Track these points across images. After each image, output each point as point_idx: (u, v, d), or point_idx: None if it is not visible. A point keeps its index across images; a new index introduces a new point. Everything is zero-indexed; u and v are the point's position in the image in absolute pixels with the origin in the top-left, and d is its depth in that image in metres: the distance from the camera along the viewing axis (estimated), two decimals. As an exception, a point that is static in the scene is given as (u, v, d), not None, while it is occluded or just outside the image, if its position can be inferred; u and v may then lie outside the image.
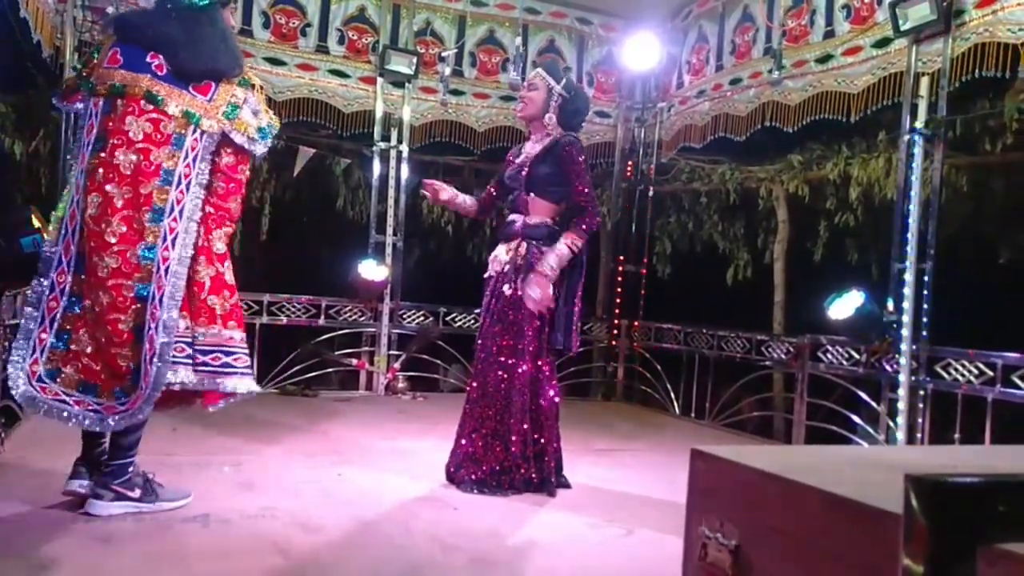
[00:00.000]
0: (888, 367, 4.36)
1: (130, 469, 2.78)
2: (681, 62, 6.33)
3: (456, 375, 6.53)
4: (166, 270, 2.63)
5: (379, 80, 6.00)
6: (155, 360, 2.58)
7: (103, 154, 2.64)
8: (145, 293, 2.62)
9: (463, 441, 3.48)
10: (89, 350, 2.68)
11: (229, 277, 2.81)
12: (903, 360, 4.21)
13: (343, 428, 4.65)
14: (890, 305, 4.35)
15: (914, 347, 4.21)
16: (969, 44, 4.06)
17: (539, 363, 3.46)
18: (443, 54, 6.01)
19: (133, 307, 2.62)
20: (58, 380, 2.68)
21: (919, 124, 4.32)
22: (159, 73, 2.67)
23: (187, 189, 2.67)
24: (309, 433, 4.45)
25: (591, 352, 6.72)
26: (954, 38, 4.14)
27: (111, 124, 2.65)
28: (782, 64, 5.13)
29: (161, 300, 2.61)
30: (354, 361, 6.04)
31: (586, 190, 3.46)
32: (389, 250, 6.09)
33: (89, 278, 2.65)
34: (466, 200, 3.85)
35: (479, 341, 3.57)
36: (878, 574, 0.95)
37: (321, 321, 5.95)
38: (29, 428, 3.96)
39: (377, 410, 5.44)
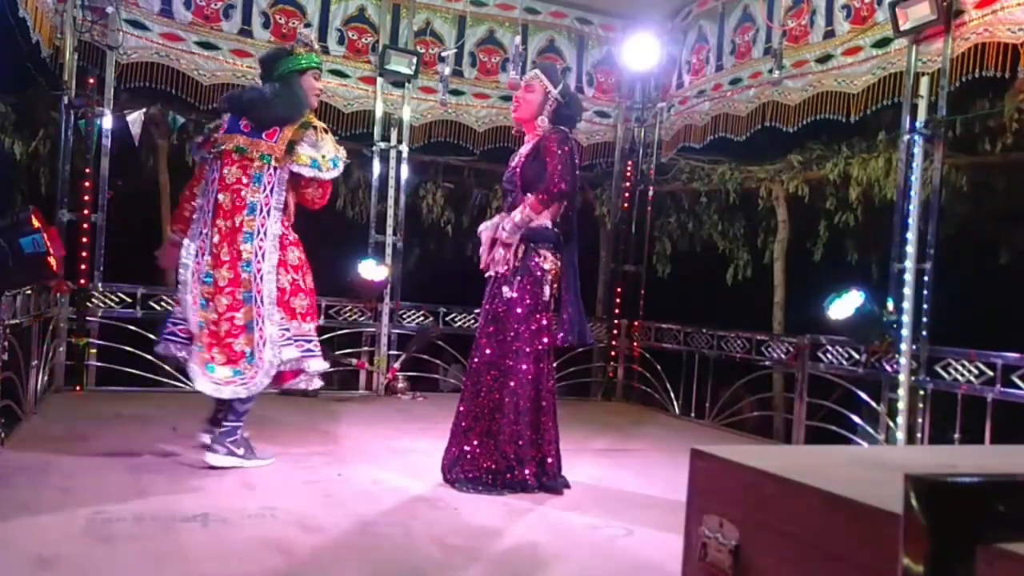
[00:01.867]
0: (888, 367, 4.36)
1: (239, 432, 3.53)
2: (681, 62, 6.32)
3: (456, 375, 6.53)
4: (260, 278, 3.48)
5: (379, 80, 6.00)
6: (267, 345, 3.44)
7: (216, 197, 3.51)
8: (249, 297, 3.47)
9: (458, 440, 3.48)
10: (207, 340, 3.47)
11: (305, 283, 3.62)
12: (903, 360, 4.21)
13: (343, 428, 4.65)
14: (890, 305, 4.35)
15: (914, 347, 4.20)
16: (969, 44, 4.06)
17: (537, 363, 3.45)
18: (443, 54, 6.00)
19: (243, 308, 3.47)
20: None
21: (919, 124, 4.32)
22: (246, 131, 3.55)
23: (268, 215, 3.52)
24: (309, 433, 4.46)
25: (591, 352, 6.72)
26: (954, 38, 4.14)
27: (218, 174, 3.53)
28: (782, 64, 5.13)
29: (261, 300, 3.47)
30: (354, 361, 6.03)
31: (559, 166, 3.40)
32: (389, 250, 6.09)
33: (214, 287, 3.48)
34: None
35: (475, 341, 3.58)
36: (878, 574, 0.95)
37: (321, 321, 5.94)
38: (29, 428, 3.96)
39: (377, 410, 5.44)
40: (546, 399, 3.48)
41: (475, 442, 3.43)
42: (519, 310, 3.43)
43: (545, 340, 3.49)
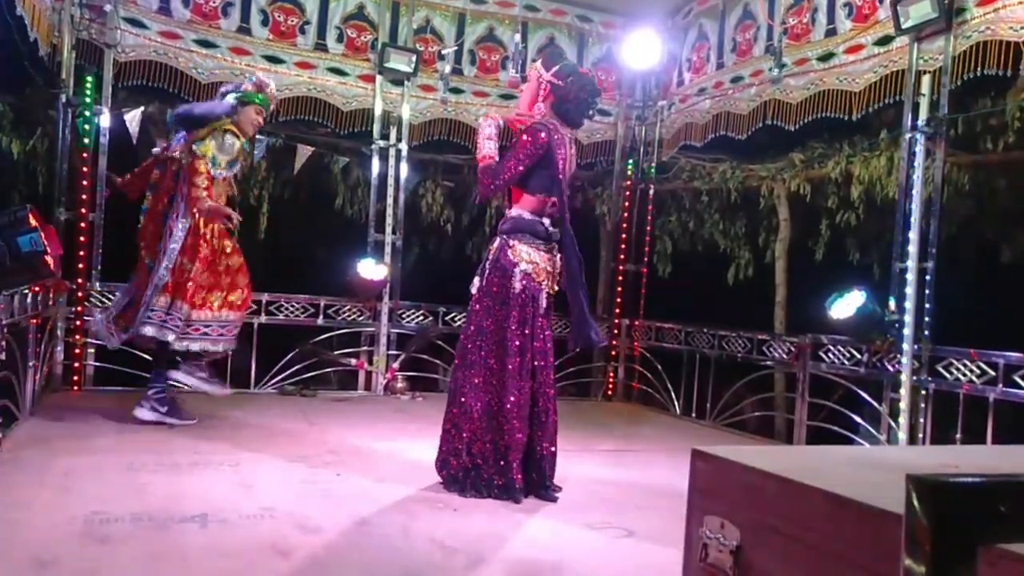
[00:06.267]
0: (890, 367, 4.35)
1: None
2: (682, 60, 6.31)
3: (456, 374, 6.50)
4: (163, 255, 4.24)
5: (378, 78, 5.98)
6: (141, 310, 4.17)
7: None
8: (151, 269, 4.30)
9: (445, 439, 3.45)
10: None
11: (196, 270, 4.18)
12: (905, 360, 4.19)
13: (342, 428, 4.64)
14: (892, 304, 4.34)
15: (916, 347, 4.19)
16: (971, 42, 4.04)
17: (503, 362, 3.30)
18: (442, 52, 5.99)
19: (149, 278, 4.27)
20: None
21: (921, 122, 4.31)
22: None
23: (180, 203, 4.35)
24: (308, 433, 4.45)
25: (591, 352, 6.70)
26: (955, 36, 4.13)
27: None
28: (783, 62, 5.12)
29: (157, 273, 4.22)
30: (353, 361, 6.02)
31: (508, 163, 3.30)
32: (388, 249, 6.08)
33: None
34: None
35: None
36: (879, 575, 0.94)
37: (320, 320, 5.94)
38: (27, 428, 3.96)
39: (376, 410, 5.43)
40: (509, 400, 3.28)
41: (451, 442, 3.39)
42: (481, 305, 3.36)
43: (515, 341, 3.30)
